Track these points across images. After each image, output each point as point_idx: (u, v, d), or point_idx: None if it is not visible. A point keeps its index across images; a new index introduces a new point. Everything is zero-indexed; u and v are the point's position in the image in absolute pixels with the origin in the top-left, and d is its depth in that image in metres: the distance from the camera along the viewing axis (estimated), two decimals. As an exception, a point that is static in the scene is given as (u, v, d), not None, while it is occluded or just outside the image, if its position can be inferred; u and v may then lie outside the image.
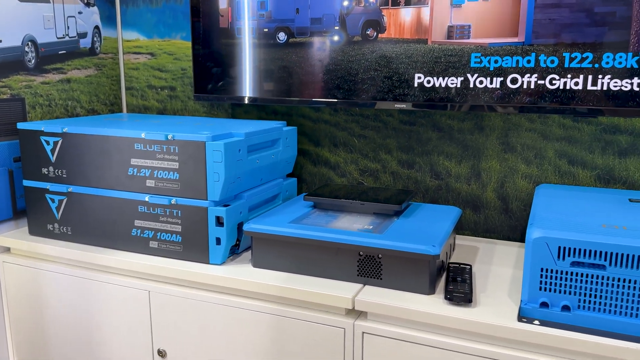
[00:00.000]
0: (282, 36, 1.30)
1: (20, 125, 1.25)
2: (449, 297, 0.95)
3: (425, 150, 1.36)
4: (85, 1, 1.53)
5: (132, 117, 1.45)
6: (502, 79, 1.14)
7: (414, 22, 1.20)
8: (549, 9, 1.09)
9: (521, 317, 0.88)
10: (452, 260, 1.17)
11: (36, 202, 1.26)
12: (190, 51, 1.55)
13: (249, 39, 1.35)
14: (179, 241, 1.13)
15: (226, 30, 1.37)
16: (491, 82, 1.15)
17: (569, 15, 1.08)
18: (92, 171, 1.19)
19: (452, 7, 1.17)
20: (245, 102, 1.38)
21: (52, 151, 1.22)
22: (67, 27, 1.48)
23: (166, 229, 1.14)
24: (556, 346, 0.85)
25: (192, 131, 1.11)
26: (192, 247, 1.12)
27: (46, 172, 1.24)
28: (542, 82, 1.11)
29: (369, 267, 1.02)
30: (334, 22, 1.26)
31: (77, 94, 1.53)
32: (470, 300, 0.94)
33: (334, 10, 1.26)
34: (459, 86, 1.17)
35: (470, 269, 1.06)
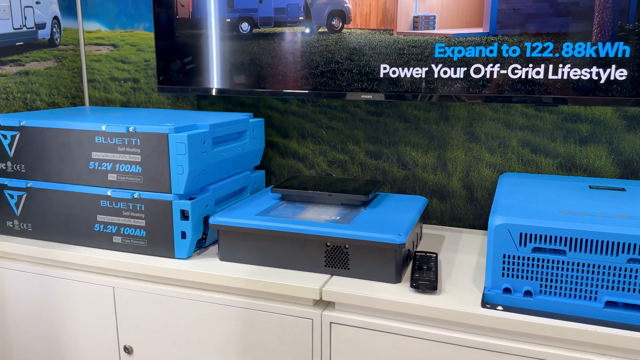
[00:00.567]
0: (245, 26, 1.29)
1: (-26, 119, 1.20)
2: (415, 285, 0.95)
3: (392, 140, 1.37)
4: (42, -10, 1.48)
5: (94, 110, 1.41)
6: (465, 69, 1.15)
7: (380, 12, 1.20)
8: (511, -1, 1.11)
9: (485, 303, 0.90)
10: (418, 249, 1.18)
11: (-6, 199, 1.23)
12: (153, 42, 1.52)
13: (212, 30, 1.33)
14: (143, 236, 1.11)
15: (188, 20, 1.35)
16: (455, 73, 1.16)
17: (533, 5, 1.09)
18: (52, 166, 1.16)
19: (416, -3, 1.18)
20: (210, 93, 1.36)
21: (10, 145, 1.18)
22: (25, 17, 1.43)
23: (130, 224, 1.12)
24: (519, 331, 0.86)
25: (154, 123, 1.09)
26: (157, 241, 1.11)
27: (4, 167, 1.20)
28: (505, 71, 1.12)
29: (336, 257, 1.02)
30: (298, 12, 1.25)
31: (36, 87, 1.48)
32: (435, 287, 0.95)
33: (299, 0, 1.25)
34: (423, 76, 1.18)
35: (436, 257, 1.07)
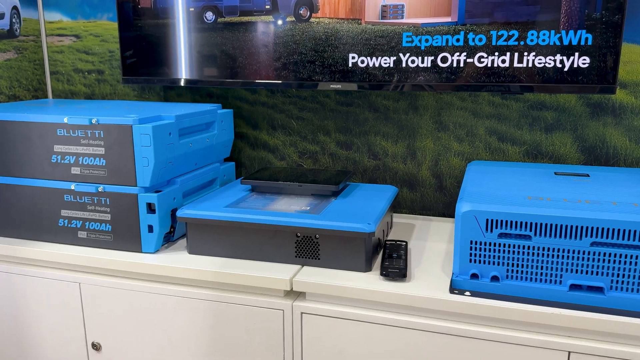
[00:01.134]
0: (209, 16, 1.26)
1: None
2: (385, 273, 0.96)
3: (362, 131, 1.37)
4: (-1, -21, 1.43)
5: (57, 102, 1.37)
6: (433, 58, 1.15)
7: (348, 1, 1.20)
8: (476, -12, 1.11)
9: (453, 289, 0.91)
10: (389, 237, 1.19)
11: (-49, 195, 1.18)
12: (117, 32, 1.48)
13: (177, 19, 1.30)
14: (109, 230, 1.09)
15: (152, 10, 1.32)
16: (423, 61, 1.16)
17: (500, -6, 1.10)
18: (13, 160, 1.12)
19: (383, -14, 1.17)
20: (177, 84, 1.34)
21: (-33, 140, 1.14)
22: (-19, 7, 1.38)
23: (95, 218, 1.09)
24: (486, 315, 0.87)
25: (118, 114, 1.07)
26: (123, 235, 1.08)
27: (-39, 163, 1.16)
28: (471, 60, 1.13)
29: (307, 247, 1.02)
30: (264, 0, 1.23)
31: (-5, 79, 1.43)
32: (404, 275, 0.95)
33: (266, -12, 1.23)
34: (392, 66, 1.18)
35: (406, 245, 1.07)
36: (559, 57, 1.08)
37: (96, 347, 1.13)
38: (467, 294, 0.90)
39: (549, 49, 1.08)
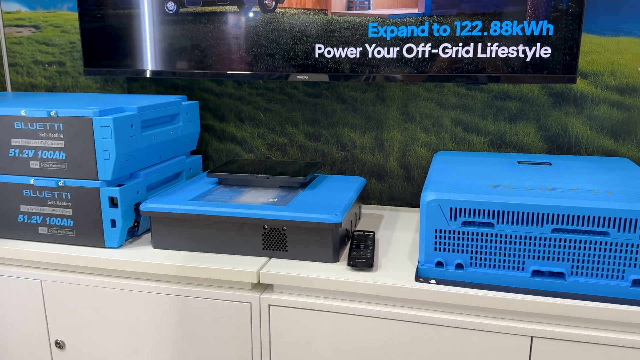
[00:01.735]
0: (171, 6, 1.24)
1: None
2: (352, 263, 0.96)
3: (330, 122, 1.37)
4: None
5: (15, 95, 1.33)
6: (398, 48, 1.15)
7: (313, -8, 1.19)
8: (441, -22, 1.12)
9: (418, 278, 0.92)
10: (357, 228, 1.19)
11: None
12: (78, 23, 1.44)
13: (139, 9, 1.27)
14: (71, 225, 1.06)
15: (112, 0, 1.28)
16: (388, 52, 1.16)
17: (467, -15, 1.11)
18: (-33, 154, 1.08)
19: (348, -24, 1.17)
20: (140, 75, 1.31)
21: None
22: None
23: (56, 213, 1.06)
24: (451, 303, 0.89)
25: (78, 107, 1.04)
26: (86, 231, 1.06)
27: None
28: (436, 51, 1.14)
29: (274, 239, 1.01)
30: (229, -10, 1.22)
31: (-51, 71, 1.38)
32: (371, 265, 0.95)
33: (230, -22, 1.21)
34: (358, 57, 1.18)
35: (373, 235, 1.08)
36: (521, 48, 1.09)
37: (60, 345, 1.10)
38: (433, 282, 0.90)
39: (511, 39, 1.09)
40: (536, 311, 0.86)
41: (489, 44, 1.11)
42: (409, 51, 1.15)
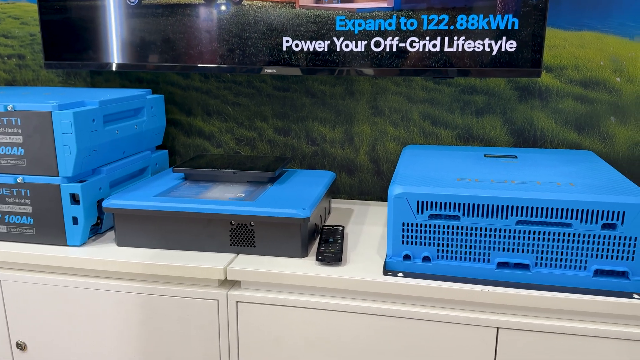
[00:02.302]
0: (133, -5, 1.21)
1: None
2: (320, 257, 0.95)
3: (300, 116, 1.36)
4: None
5: (-29, 89, 1.28)
6: (366, 42, 1.15)
7: (281, -16, 1.17)
8: (408, -28, 1.11)
9: (386, 271, 0.92)
10: (327, 223, 1.19)
11: None
12: (38, 14, 1.39)
13: (101, 0, 1.23)
14: (31, 223, 1.03)
15: (74, -11, 1.24)
16: (356, 46, 1.16)
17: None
18: None
19: (315, -32, 1.16)
20: (104, 69, 1.27)
21: None
22: None
23: (15, 211, 1.03)
24: (418, 295, 0.89)
25: (37, 101, 1.00)
26: (47, 228, 1.03)
27: None
28: (404, 44, 1.14)
29: (242, 235, 1.00)
30: (193, -19, 1.19)
31: None
32: (340, 259, 0.95)
33: (195, -31, 1.19)
34: (326, 50, 1.17)
35: (342, 230, 1.07)
36: (487, 42, 1.10)
37: (21, 346, 1.07)
38: (400, 275, 0.91)
39: (478, 33, 1.10)
40: (502, 302, 0.87)
41: (456, 38, 1.11)
42: (377, 45, 1.14)
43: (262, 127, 1.38)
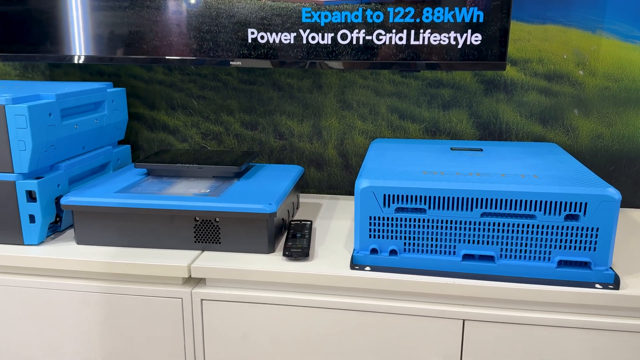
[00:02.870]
0: (90, -16, 1.17)
1: None
2: (287, 253, 0.94)
3: (267, 110, 1.34)
4: None
5: None
6: (332, 34, 1.14)
7: (245, -25, 1.15)
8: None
9: (353, 265, 0.91)
10: (294, 218, 1.17)
11: None
12: (-8, 4, 1.34)
13: (61, -10, 1.19)
14: (-15, 222, 0.99)
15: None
16: (323, 38, 1.14)
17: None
18: None
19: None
20: (62, 61, 1.23)
21: None
22: None
23: (-33, 210, 0.98)
24: (386, 289, 0.88)
25: (-11, 94, 0.96)
26: (2, 227, 0.98)
27: None
28: (370, 37, 1.13)
29: (207, 232, 0.98)
30: (154, -29, 1.16)
31: None
32: (307, 254, 0.94)
33: (156, -41, 1.15)
34: (292, 42, 1.15)
35: (310, 224, 1.06)
36: (453, 35, 1.10)
37: (-24, 351, 1.03)
38: (367, 269, 0.90)
39: (443, 26, 1.10)
40: (467, 294, 0.87)
41: (422, 31, 1.11)
42: (344, 37, 1.13)
43: (228, 121, 1.36)
